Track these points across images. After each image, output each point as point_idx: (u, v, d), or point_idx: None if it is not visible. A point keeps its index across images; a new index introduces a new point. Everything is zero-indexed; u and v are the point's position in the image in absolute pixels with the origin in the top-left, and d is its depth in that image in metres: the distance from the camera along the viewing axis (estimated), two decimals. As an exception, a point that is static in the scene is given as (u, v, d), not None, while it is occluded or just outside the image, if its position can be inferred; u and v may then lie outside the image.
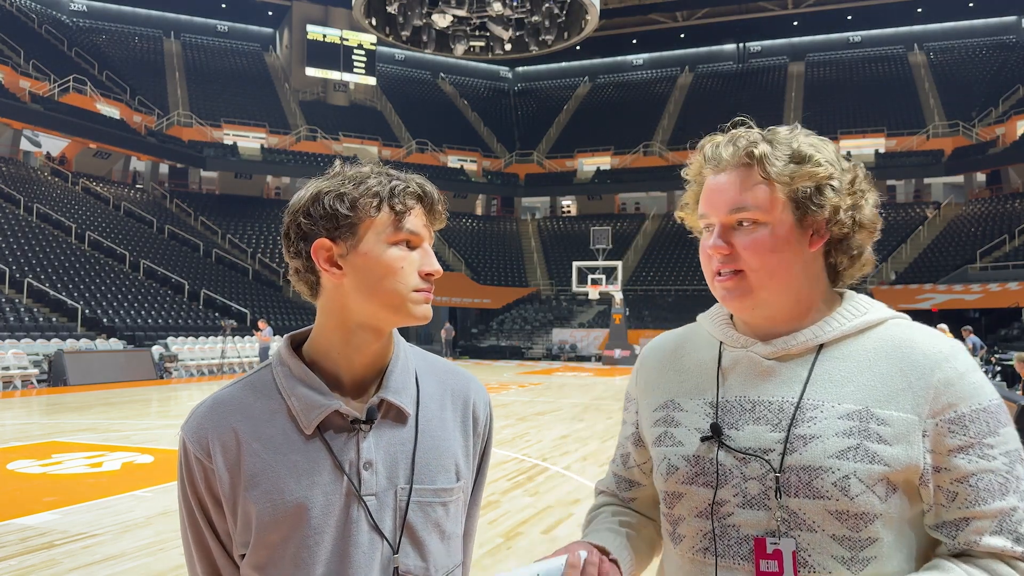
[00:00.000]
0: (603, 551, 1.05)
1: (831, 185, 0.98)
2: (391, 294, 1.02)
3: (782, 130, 1.03)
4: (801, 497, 0.93)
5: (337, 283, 1.03)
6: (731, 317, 1.10)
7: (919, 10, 45.20)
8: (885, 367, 0.96)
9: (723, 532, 0.98)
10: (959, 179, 37.35)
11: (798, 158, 0.99)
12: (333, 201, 1.01)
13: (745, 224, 0.99)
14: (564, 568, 0.98)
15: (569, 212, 44.87)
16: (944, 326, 14.09)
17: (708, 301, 1.09)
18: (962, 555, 0.93)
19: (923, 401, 0.93)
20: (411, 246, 1.04)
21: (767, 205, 0.98)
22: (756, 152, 0.99)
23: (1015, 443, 0.94)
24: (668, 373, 1.12)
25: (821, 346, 1.00)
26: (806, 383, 0.98)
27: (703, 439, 1.01)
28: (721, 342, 1.08)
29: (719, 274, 1.02)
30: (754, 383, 1.02)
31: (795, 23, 47.34)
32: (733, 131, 1.05)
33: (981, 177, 36.75)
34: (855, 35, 48.51)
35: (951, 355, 0.95)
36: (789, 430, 0.96)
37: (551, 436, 9.76)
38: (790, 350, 1.01)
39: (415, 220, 1.04)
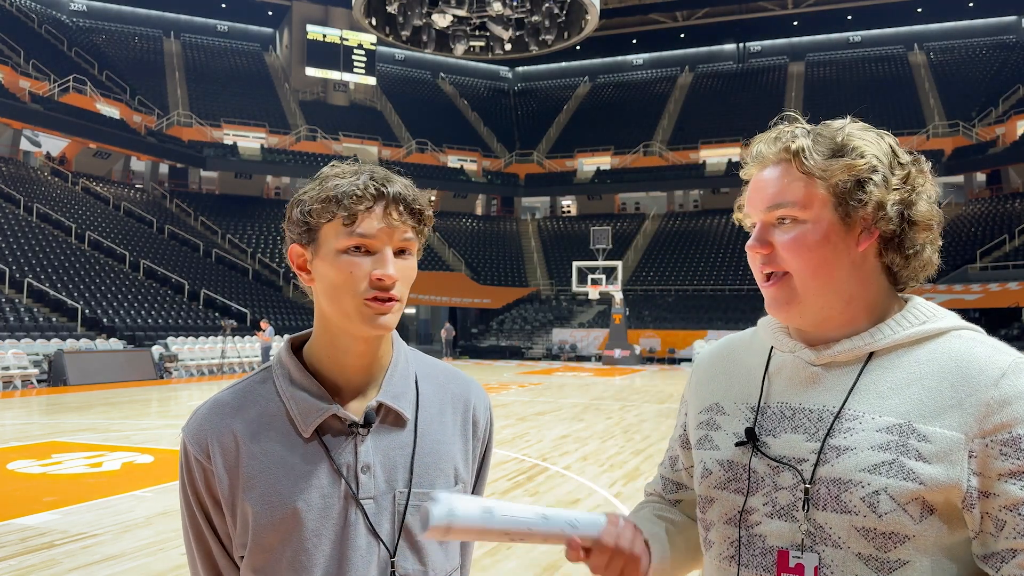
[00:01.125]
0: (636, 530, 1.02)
1: (872, 179, 0.92)
2: (342, 303, 0.99)
3: (835, 123, 0.98)
4: (829, 511, 0.89)
5: (313, 288, 1.04)
6: None
7: (919, 10, 45.21)
8: (936, 381, 0.89)
9: (749, 541, 0.95)
10: (959, 179, 37.36)
11: (839, 151, 0.94)
12: (296, 208, 1.01)
13: (785, 221, 0.95)
14: (603, 524, 0.95)
15: (569, 212, 44.86)
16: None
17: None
18: None
19: (972, 420, 0.86)
20: (368, 251, 0.99)
21: (805, 201, 0.94)
22: (794, 146, 0.95)
23: None
24: (718, 376, 1.09)
25: (872, 354, 0.95)
26: (849, 392, 0.93)
27: (738, 444, 0.98)
28: (772, 347, 1.04)
29: (767, 279, 0.98)
30: (797, 390, 0.97)
31: (795, 23, 47.34)
32: (779, 127, 1.00)
33: (981, 177, 36.77)
34: (855, 35, 48.52)
35: (1012, 372, 0.87)
36: (824, 440, 0.91)
37: (551, 436, 9.76)
38: (837, 357, 0.95)
39: (370, 223, 0.98)
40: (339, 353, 1.04)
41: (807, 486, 0.90)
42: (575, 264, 30.31)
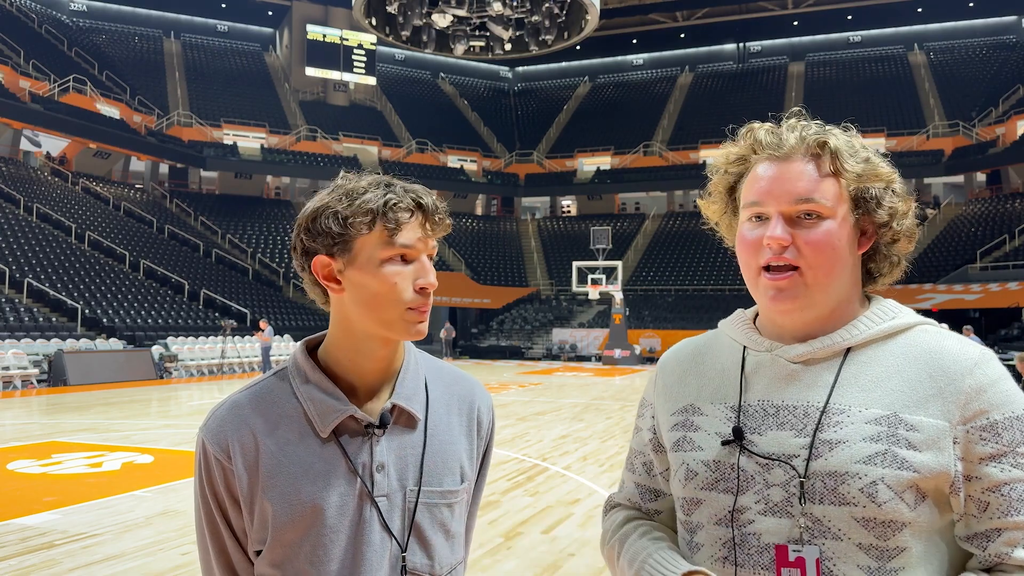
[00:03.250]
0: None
1: (894, 188, 0.96)
2: (385, 311, 1.03)
3: (836, 129, 0.99)
4: (826, 504, 0.90)
5: (340, 297, 1.06)
6: (754, 321, 1.06)
7: (919, 10, 45.20)
8: (914, 372, 0.93)
9: (743, 540, 0.94)
10: (959, 179, 37.37)
11: (863, 157, 0.96)
12: (328, 219, 1.03)
13: (808, 217, 0.95)
14: None
15: (569, 212, 44.86)
16: (944, 326, 14.08)
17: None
18: (993, 568, 0.89)
19: (954, 407, 0.90)
20: (406, 260, 1.04)
21: (836, 200, 0.95)
22: (832, 144, 0.95)
23: None
24: (688, 378, 1.09)
25: (848, 350, 0.97)
26: (832, 387, 0.94)
27: (724, 443, 0.98)
28: (745, 347, 1.04)
29: (767, 270, 0.96)
30: (778, 387, 0.98)
31: (795, 23, 47.34)
32: (790, 120, 1.01)
33: (981, 177, 36.76)
34: (855, 35, 48.52)
35: (982, 361, 0.92)
36: (815, 435, 0.92)
37: (551, 436, 9.76)
38: (816, 354, 0.97)
39: (409, 234, 1.03)
40: (360, 357, 1.08)
41: (802, 480, 0.91)
42: (575, 264, 30.31)
